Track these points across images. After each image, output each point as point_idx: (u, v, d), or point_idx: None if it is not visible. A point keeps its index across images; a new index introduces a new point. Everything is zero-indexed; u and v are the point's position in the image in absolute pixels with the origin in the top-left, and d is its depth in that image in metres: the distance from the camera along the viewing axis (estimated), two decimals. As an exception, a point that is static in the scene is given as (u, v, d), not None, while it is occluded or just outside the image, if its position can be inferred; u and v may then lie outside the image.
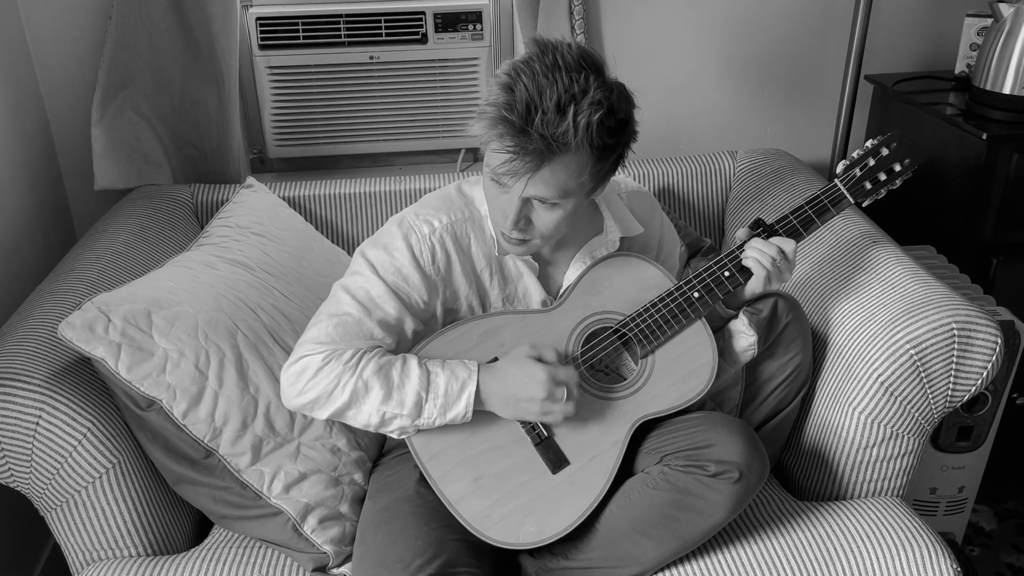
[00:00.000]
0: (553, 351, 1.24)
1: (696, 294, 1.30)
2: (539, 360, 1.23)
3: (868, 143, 1.38)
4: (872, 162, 1.36)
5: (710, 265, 1.32)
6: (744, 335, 1.34)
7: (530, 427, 1.28)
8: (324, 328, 1.25)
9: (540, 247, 1.28)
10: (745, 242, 1.32)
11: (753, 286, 1.32)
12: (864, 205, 1.38)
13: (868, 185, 1.35)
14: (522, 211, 1.21)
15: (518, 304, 1.36)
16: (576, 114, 1.11)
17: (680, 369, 1.30)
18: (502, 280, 1.35)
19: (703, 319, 1.31)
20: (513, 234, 1.24)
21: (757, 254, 1.30)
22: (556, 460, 1.26)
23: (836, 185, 1.35)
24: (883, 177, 1.35)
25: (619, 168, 1.24)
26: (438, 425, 1.24)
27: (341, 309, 1.26)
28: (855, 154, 1.37)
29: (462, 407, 1.23)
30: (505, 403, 1.24)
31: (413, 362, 1.24)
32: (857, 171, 1.36)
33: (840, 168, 1.37)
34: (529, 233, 1.24)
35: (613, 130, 1.16)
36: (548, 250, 1.36)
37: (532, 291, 1.36)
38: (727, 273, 1.31)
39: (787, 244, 1.31)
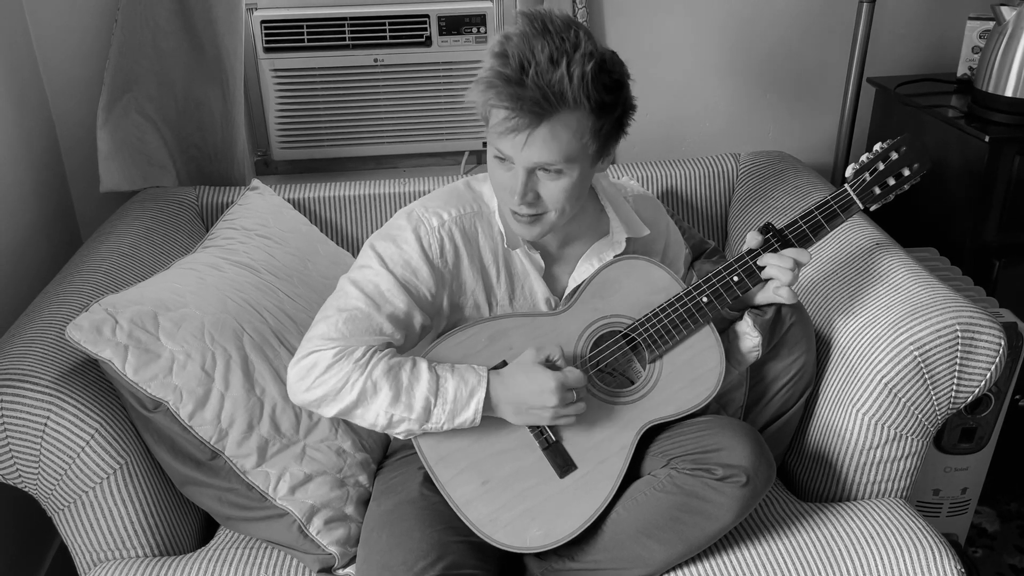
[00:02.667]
0: (559, 349, 1.24)
1: (705, 299, 1.29)
2: (547, 362, 1.23)
3: (877, 147, 1.35)
4: (882, 166, 1.33)
5: (719, 270, 1.31)
6: (749, 336, 1.34)
7: (538, 431, 1.28)
8: (334, 323, 1.24)
9: (554, 224, 1.26)
10: (757, 251, 1.31)
11: (766, 296, 1.31)
12: (872, 210, 1.36)
13: (877, 190, 1.33)
14: (528, 183, 1.20)
15: (524, 303, 1.37)
16: (569, 64, 1.12)
17: (688, 374, 1.30)
18: (509, 277, 1.35)
19: (711, 324, 1.31)
20: (522, 209, 1.22)
21: (777, 272, 1.28)
22: (563, 464, 1.27)
23: (846, 190, 1.33)
24: (892, 182, 1.33)
25: (622, 135, 1.24)
26: (446, 430, 1.24)
27: (350, 303, 1.26)
28: (864, 158, 1.35)
29: (471, 413, 1.22)
30: (516, 411, 1.24)
31: (423, 365, 1.24)
32: (867, 175, 1.33)
33: (849, 172, 1.34)
34: (539, 207, 1.23)
35: (609, 87, 1.16)
36: (555, 246, 1.36)
37: (537, 290, 1.36)
38: (736, 278, 1.30)
39: (802, 256, 1.29)
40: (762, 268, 1.30)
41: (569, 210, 1.25)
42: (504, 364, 1.28)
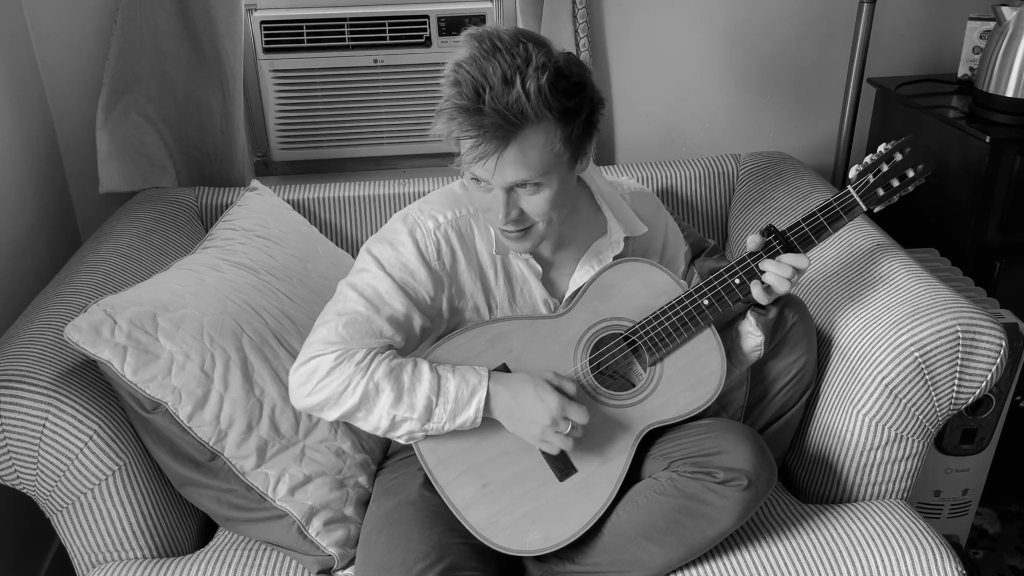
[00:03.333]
0: (574, 385, 1.24)
1: (706, 301, 1.29)
2: (558, 389, 1.22)
3: (881, 147, 1.33)
4: (885, 167, 1.31)
5: (720, 272, 1.30)
6: (752, 336, 1.34)
7: None
8: (334, 327, 1.24)
9: (544, 234, 1.26)
10: (759, 253, 1.29)
11: (761, 300, 1.29)
12: (876, 211, 1.34)
13: (881, 192, 1.31)
14: (509, 202, 1.19)
15: (524, 306, 1.36)
16: (523, 82, 1.11)
17: (689, 377, 1.30)
18: (507, 280, 1.35)
19: (712, 326, 1.31)
20: (509, 227, 1.23)
21: (775, 280, 1.27)
22: (563, 467, 1.26)
23: (849, 192, 1.31)
24: (896, 183, 1.31)
25: (596, 132, 1.22)
26: (447, 430, 1.24)
27: (349, 307, 1.26)
28: (868, 159, 1.32)
29: (472, 412, 1.22)
30: (510, 416, 1.24)
31: (424, 366, 1.24)
32: (871, 177, 1.31)
33: (853, 173, 1.32)
34: (525, 220, 1.22)
35: (569, 92, 1.15)
36: (550, 251, 1.36)
37: (536, 294, 1.36)
38: (737, 280, 1.29)
39: (801, 262, 1.28)
40: (763, 272, 1.29)
41: (556, 218, 1.24)
42: (504, 367, 1.28)
